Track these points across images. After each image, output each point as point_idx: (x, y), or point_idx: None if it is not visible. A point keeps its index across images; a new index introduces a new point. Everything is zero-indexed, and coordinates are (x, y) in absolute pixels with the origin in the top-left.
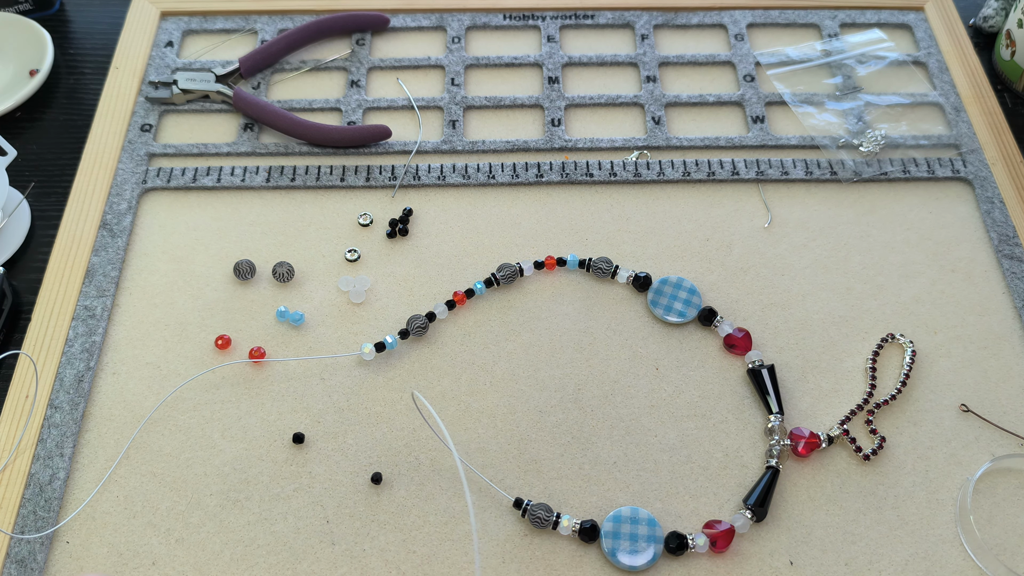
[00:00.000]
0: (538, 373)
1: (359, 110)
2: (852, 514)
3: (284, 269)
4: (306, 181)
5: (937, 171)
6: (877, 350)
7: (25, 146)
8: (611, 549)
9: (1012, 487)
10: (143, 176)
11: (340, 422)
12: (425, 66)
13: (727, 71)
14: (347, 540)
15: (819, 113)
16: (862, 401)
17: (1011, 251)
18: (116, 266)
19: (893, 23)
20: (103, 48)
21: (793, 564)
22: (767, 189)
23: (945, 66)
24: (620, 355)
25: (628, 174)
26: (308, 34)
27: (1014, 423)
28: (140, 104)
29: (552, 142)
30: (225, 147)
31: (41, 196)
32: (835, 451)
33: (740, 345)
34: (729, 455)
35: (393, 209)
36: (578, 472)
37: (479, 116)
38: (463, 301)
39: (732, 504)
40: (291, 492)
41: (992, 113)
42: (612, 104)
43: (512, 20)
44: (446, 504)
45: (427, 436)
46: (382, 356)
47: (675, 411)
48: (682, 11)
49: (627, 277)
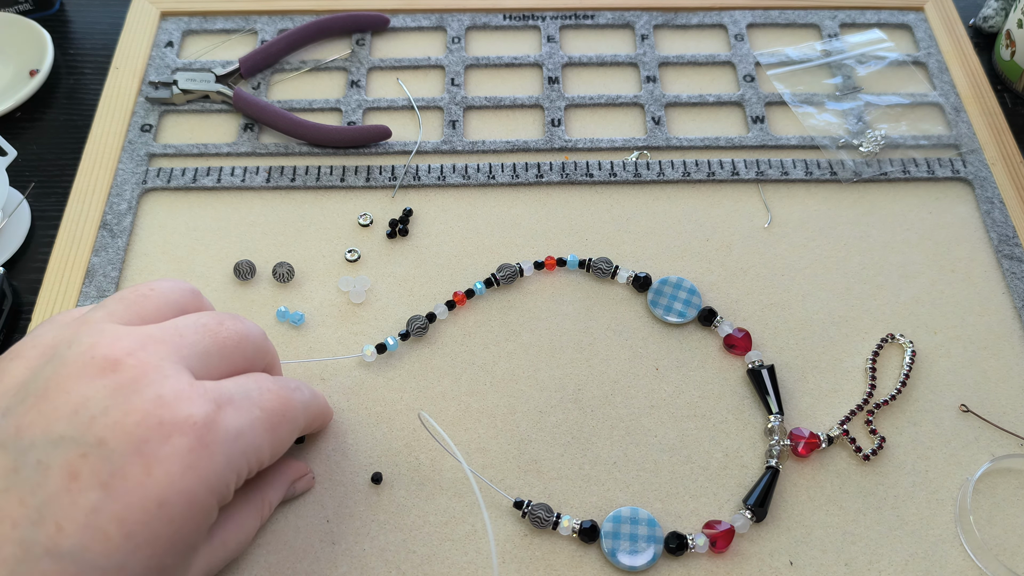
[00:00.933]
0: (538, 373)
1: (359, 110)
2: (852, 514)
3: (284, 269)
4: (306, 181)
5: (937, 171)
6: (877, 350)
7: (25, 146)
8: (611, 549)
9: (1012, 487)
10: (143, 176)
11: (340, 422)
12: (425, 66)
13: (727, 71)
14: (347, 540)
15: (819, 113)
16: (862, 401)
17: (1011, 251)
18: (116, 266)
19: (893, 23)
20: (103, 48)
21: (793, 564)
22: (767, 189)
23: (945, 66)
24: (620, 355)
25: (628, 174)
26: (308, 34)
27: (1014, 423)
28: (140, 104)
29: (552, 142)
30: (225, 147)
31: (41, 196)
32: (835, 451)
33: (740, 345)
34: (729, 455)
35: (393, 209)
36: (578, 472)
37: (479, 116)
38: (463, 301)
39: (732, 504)
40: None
41: (992, 113)
42: (612, 104)
43: (512, 20)
44: (446, 504)
45: (427, 436)
46: (382, 356)
47: (675, 411)
48: (682, 11)
49: (627, 277)
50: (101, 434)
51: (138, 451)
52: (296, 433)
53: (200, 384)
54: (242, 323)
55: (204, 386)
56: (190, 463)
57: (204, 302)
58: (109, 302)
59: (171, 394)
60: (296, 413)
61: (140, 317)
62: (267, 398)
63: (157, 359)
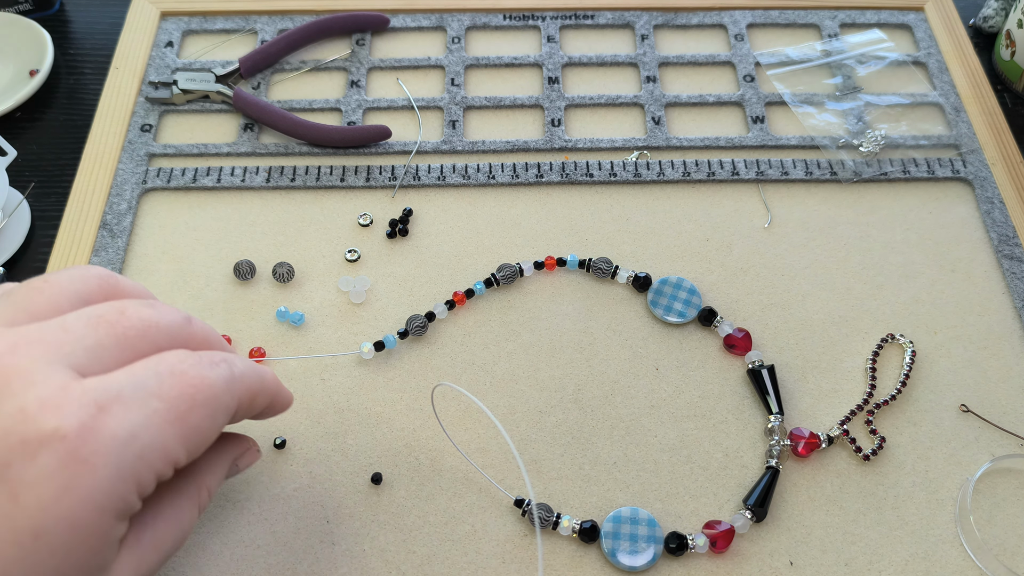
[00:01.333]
0: (538, 373)
1: (359, 110)
2: (852, 514)
3: (284, 269)
4: (306, 181)
5: (937, 171)
6: (877, 350)
7: (25, 146)
8: (611, 549)
9: (1012, 487)
10: (143, 176)
11: (340, 422)
12: (425, 66)
13: (727, 71)
14: (347, 540)
15: (819, 113)
16: (862, 401)
17: (1011, 251)
18: (116, 266)
19: (893, 23)
20: (103, 48)
21: (793, 564)
22: (767, 189)
23: (945, 66)
24: (620, 355)
25: (628, 174)
26: (308, 34)
27: (1014, 423)
28: (140, 104)
29: (552, 142)
30: (225, 147)
31: (41, 196)
32: (835, 451)
33: (740, 345)
34: (729, 455)
35: (393, 209)
36: (578, 472)
37: (479, 116)
38: (463, 301)
39: (732, 504)
40: (291, 492)
41: (992, 113)
42: (612, 104)
43: (512, 20)
44: (446, 504)
45: (427, 436)
46: (382, 357)
47: (675, 411)
48: (682, 11)
49: (627, 277)
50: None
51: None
52: (223, 418)
53: (77, 385)
54: (153, 309)
55: (82, 387)
56: (64, 483)
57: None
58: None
59: (34, 405)
60: (214, 393)
61: (30, 314)
62: (169, 384)
63: (27, 362)
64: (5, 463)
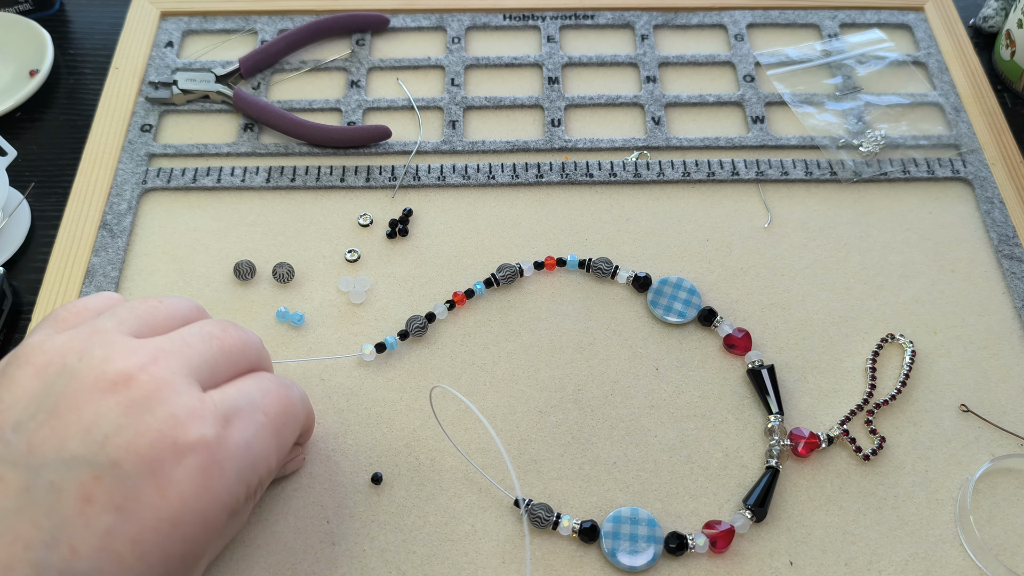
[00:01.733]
0: (538, 373)
1: (359, 110)
2: (852, 514)
3: (284, 270)
4: (306, 181)
5: (937, 171)
6: (877, 350)
7: (25, 146)
8: (611, 549)
9: (1012, 487)
10: (143, 176)
11: (340, 422)
12: (425, 66)
13: (727, 71)
14: (347, 540)
15: (819, 113)
16: (862, 401)
17: (1011, 251)
18: (116, 266)
19: (893, 23)
20: (103, 48)
21: (793, 564)
22: (767, 189)
23: (945, 66)
24: (620, 355)
25: (628, 174)
26: (308, 34)
27: (1014, 423)
28: (140, 104)
29: (552, 142)
30: (225, 147)
31: (41, 196)
32: (835, 451)
33: (740, 345)
34: (729, 455)
35: (393, 209)
36: (578, 472)
37: (479, 116)
38: (463, 301)
39: (732, 504)
40: (291, 492)
41: (992, 113)
42: (612, 104)
43: (512, 20)
44: (446, 504)
45: (427, 436)
46: (382, 357)
47: (675, 411)
48: (682, 11)
49: (627, 277)
50: (114, 456)
51: (152, 473)
52: (298, 432)
53: (209, 399)
54: (242, 330)
55: (213, 400)
56: (203, 483)
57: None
58: (120, 311)
59: (183, 413)
60: (297, 411)
61: (150, 328)
62: (269, 400)
63: (168, 373)
64: (158, 461)
